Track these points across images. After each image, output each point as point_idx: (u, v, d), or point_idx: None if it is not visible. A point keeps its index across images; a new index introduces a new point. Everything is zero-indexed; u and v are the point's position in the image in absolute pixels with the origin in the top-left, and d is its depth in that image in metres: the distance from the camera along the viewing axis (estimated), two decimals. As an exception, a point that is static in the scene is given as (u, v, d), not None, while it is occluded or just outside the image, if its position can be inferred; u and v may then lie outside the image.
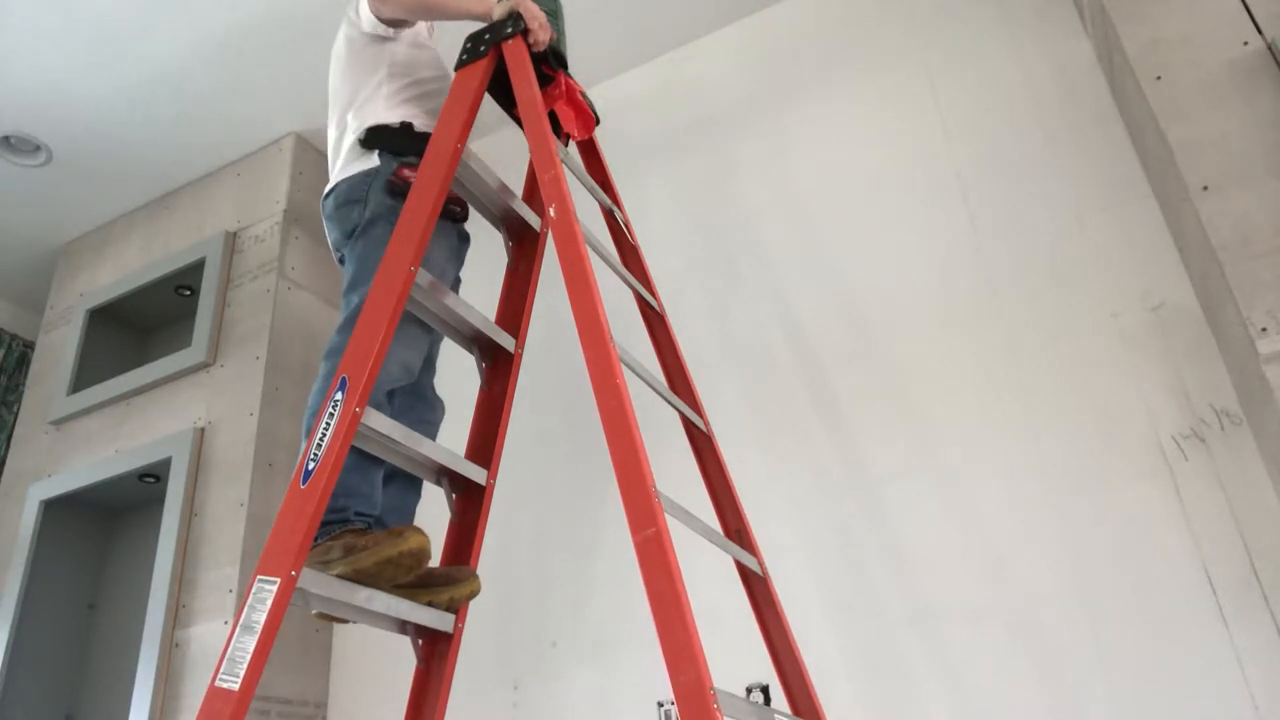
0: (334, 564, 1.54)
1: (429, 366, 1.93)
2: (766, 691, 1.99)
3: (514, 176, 2.09)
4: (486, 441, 1.85)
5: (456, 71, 1.88)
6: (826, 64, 2.74)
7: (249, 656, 1.33)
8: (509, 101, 1.98)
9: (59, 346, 3.31)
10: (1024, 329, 2.16)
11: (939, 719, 1.93)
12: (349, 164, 1.89)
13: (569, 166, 1.85)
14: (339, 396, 1.50)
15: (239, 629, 1.36)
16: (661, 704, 2.13)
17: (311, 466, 1.46)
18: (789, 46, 2.83)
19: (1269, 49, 1.78)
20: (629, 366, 1.51)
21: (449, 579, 1.68)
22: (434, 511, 1.86)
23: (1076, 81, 2.34)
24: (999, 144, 2.38)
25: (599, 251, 1.72)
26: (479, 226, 2.02)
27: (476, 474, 1.78)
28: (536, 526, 2.55)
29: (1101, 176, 2.21)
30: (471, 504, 1.79)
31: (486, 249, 2.15)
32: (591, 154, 2.21)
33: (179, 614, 2.52)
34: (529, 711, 2.34)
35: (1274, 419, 1.64)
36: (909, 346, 2.27)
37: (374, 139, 1.86)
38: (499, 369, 1.91)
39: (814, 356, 2.38)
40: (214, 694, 1.32)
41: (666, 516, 1.27)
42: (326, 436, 1.48)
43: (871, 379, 2.29)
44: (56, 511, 2.96)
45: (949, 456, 2.13)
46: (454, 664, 1.67)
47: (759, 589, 1.75)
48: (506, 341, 1.90)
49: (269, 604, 1.36)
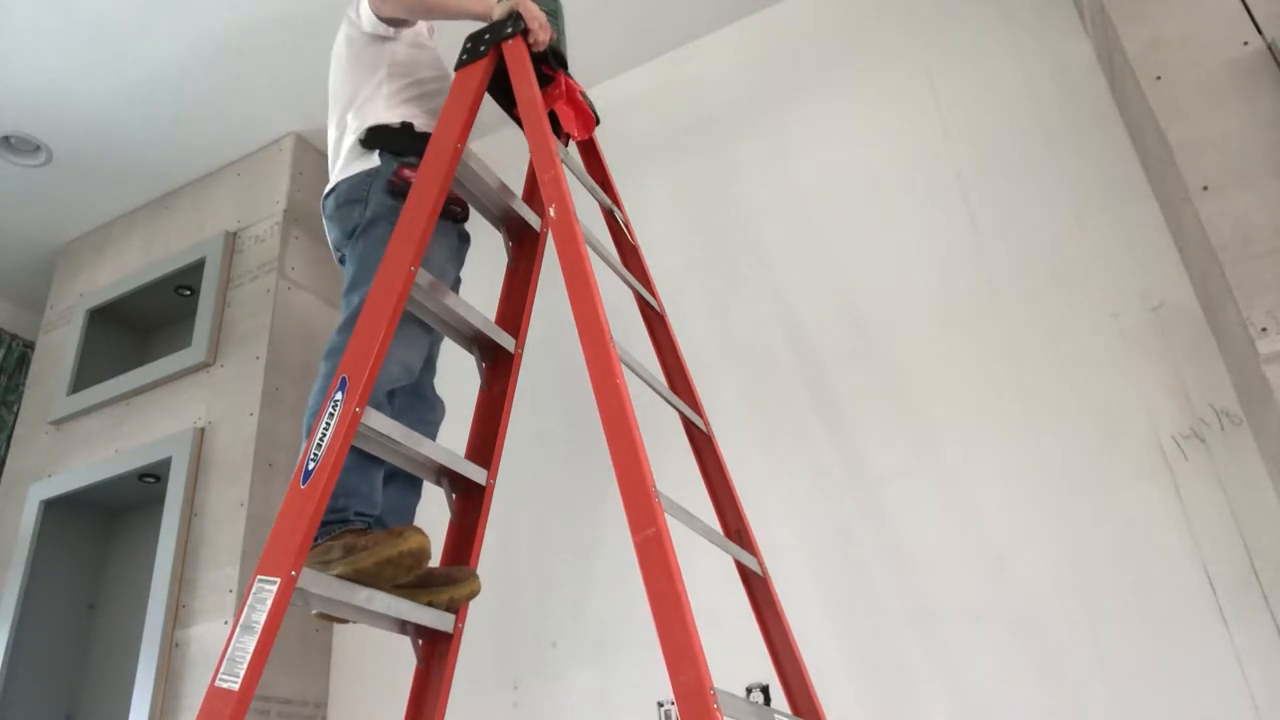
0: (334, 564, 1.54)
1: (429, 366, 1.93)
2: (766, 691, 1.99)
3: (514, 176, 2.09)
4: (486, 441, 1.85)
5: (456, 71, 1.88)
6: (826, 64, 2.74)
7: (249, 656, 1.33)
8: (509, 101, 1.98)
9: (59, 346, 3.31)
10: (1024, 329, 2.16)
11: (939, 719, 1.93)
12: (349, 164, 1.89)
13: (569, 166, 1.85)
14: (339, 396, 1.51)
15: (239, 629, 1.36)
16: (661, 704, 2.13)
17: (311, 466, 1.46)
18: (789, 46, 2.83)
19: (1269, 49, 1.78)
20: (629, 366, 1.51)
21: (449, 579, 1.68)
22: (434, 511, 1.86)
23: (1076, 81, 2.34)
24: (999, 144, 2.38)
25: (599, 251, 1.72)
26: (479, 226, 2.02)
27: (476, 474, 1.78)
28: (536, 526, 2.55)
29: (1101, 176, 2.21)
30: (471, 504, 1.79)
31: (486, 249, 2.15)
32: (591, 154, 2.21)
33: (179, 614, 2.52)
34: (529, 711, 2.34)
35: (1274, 419, 1.64)
36: (909, 346, 2.28)
37: (374, 139, 1.87)
38: (499, 369, 1.91)
39: (814, 356, 2.38)
40: (214, 694, 1.33)
41: (666, 516, 1.27)
42: (326, 436, 1.48)
43: (871, 379, 2.29)
44: (56, 511, 2.96)
45: (949, 456, 2.13)
46: (454, 664, 1.67)
47: (759, 589, 1.75)
48: (506, 341, 1.90)
49: (269, 604, 1.36)
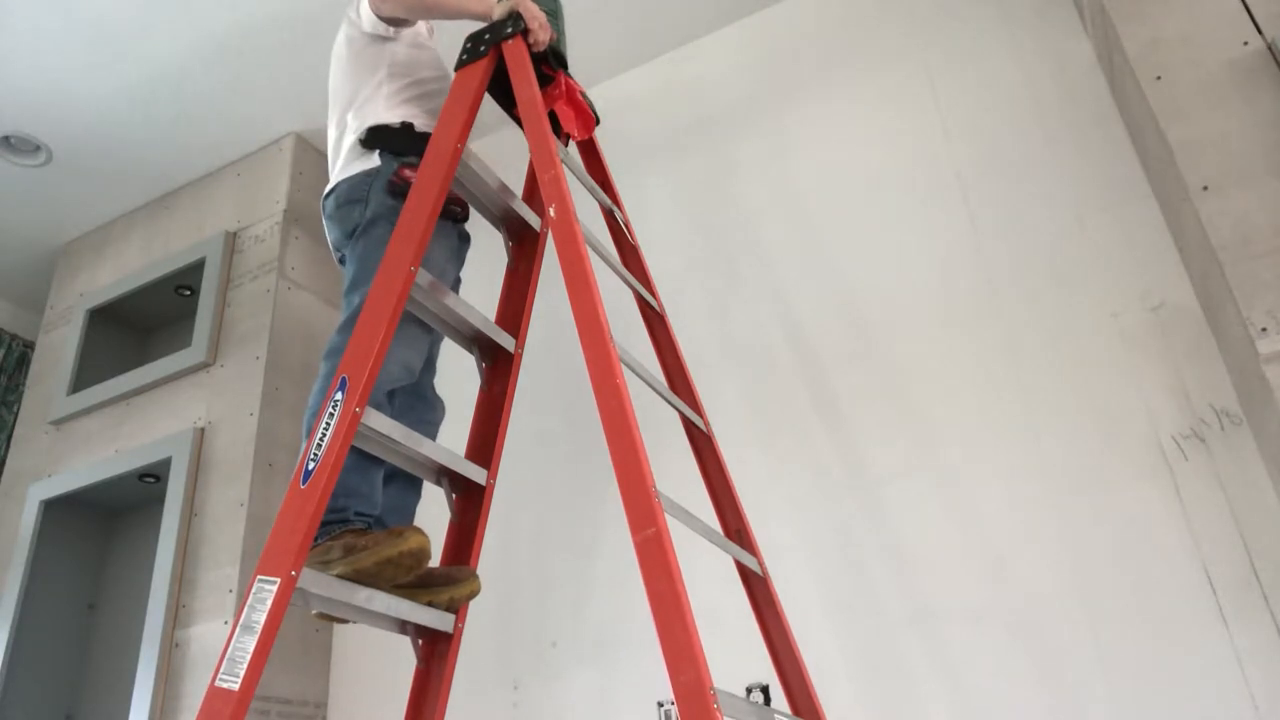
0: (334, 564, 1.54)
1: (429, 366, 1.93)
2: (766, 691, 1.99)
3: (514, 176, 2.09)
4: (486, 441, 1.85)
5: (456, 71, 1.88)
6: (826, 64, 2.74)
7: (249, 656, 1.33)
8: (509, 101, 1.98)
9: (59, 346, 3.31)
10: (1024, 329, 2.16)
11: (939, 719, 1.93)
12: (349, 164, 1.89)
13: (569, 166, 1.85)
14: (339, 396, 1.51)
15: (239, 629, 1.36)
16: (661, 704, 2.13)
17: (311, 466, 1.46)
18: (789, 46, 2.83)
19: (1269, 49, 1.78)
20: (629, 366, 1.51)
21: (449, 579, 1.68)
22: (434, 511, 1.86)
23: (1076, 81, 2.34)
24: (999, 144, 2.38)
25: (599, 251, 1.72)
26: (479, 226, 2.02)
27: (476, 474, 1.78)
28: (536, 526, 2.55)
29: (1101, 176, 2.21)
30: (471, 504, 1.79)
31: (486, 249, 2.15)
32: (591, 154, 2.21)
33: (179, 614, 2.52)
34: (529, 711, 2.34)
35: (1274, 419, 1.64)
36: (909, 346, 2.27)
37: (374, 139, 1.87)
38: (499, 369, 1.91)
39: (814, 356, 2.38)
40: (214, 694, 1.33)
41: (666, 516, 1.27)
42: (326, 436, 1.48)
43: (871, 379, 2.29)
44: (56, 511, 2.96)
45: (949, 456, 2.13)
46: (454, 664, 1.67)
47: (759, 589, 1.75)
48: (506, 341, 1.90)
49: (269, 604, 1.36)
